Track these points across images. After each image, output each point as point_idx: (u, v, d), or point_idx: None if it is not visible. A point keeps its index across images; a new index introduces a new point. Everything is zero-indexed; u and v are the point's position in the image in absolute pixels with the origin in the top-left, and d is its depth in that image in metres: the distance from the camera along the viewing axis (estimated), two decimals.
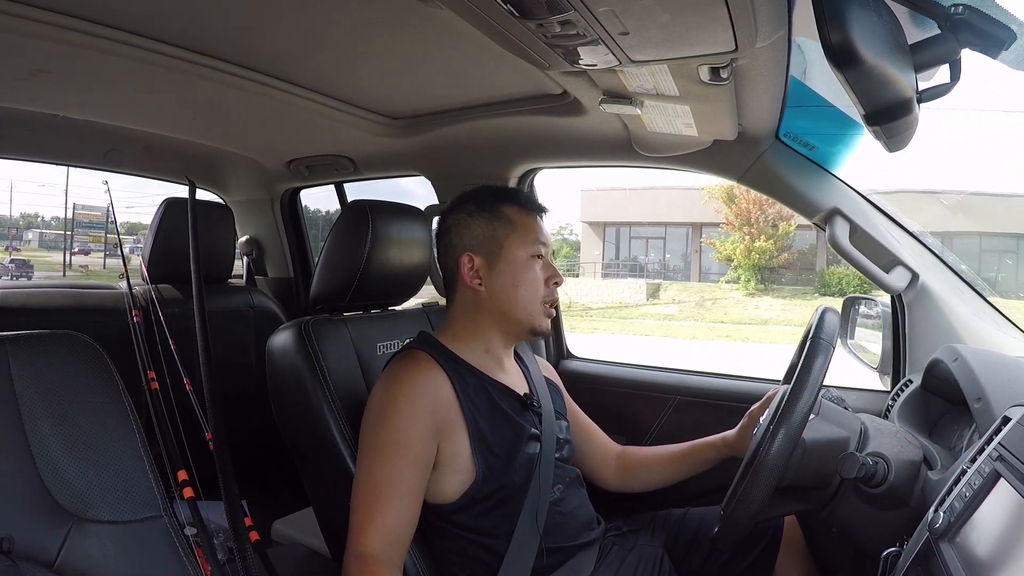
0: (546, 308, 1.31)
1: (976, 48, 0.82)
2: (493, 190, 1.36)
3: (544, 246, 1.31)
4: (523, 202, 1.33)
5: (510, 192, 1.38)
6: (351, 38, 1.26)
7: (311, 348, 1.33)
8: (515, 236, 1.29)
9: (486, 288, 1.28)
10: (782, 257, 19.24)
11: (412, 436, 1.15)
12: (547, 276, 1.31)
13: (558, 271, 1.33)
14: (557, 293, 1.34)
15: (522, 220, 1.31)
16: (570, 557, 1.27)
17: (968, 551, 0.72)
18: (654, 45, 0.98)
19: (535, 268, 1.29)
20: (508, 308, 1.28)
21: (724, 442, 1.39)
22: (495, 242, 1.29)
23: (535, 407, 1.31)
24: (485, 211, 1.31)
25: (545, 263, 1.32)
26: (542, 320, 1.30)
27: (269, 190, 2.56)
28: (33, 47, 1.23)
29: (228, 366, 2.16)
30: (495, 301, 1.28)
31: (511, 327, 1.31)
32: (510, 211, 1.31)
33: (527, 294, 1.28)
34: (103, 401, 1.04)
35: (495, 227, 1.29)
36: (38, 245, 26.08)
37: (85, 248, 24.10)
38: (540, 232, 1.32)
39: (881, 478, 0.97)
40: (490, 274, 1.28)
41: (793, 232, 18.79)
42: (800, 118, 1.39)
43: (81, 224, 24.41)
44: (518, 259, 1.28)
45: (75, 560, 0.92)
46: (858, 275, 8.50)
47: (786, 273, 19.74)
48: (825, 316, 1.03)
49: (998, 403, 0.91)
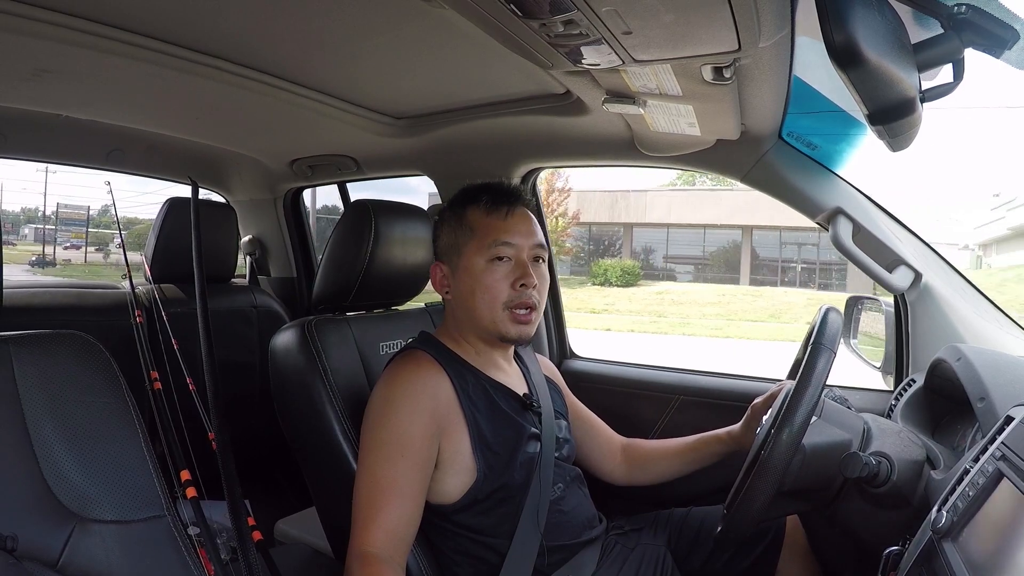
0: (513, 313, 1.23)
1: (979, 48, 0.81)
2: (465, 192, 1.32)
3: (509, 246, 1.23)
4: (486, 201, 1.27)
5: (478, 191, 1.29)
6: (354, 38, 1.26)
7: (314, 348, 1.34)
8: (473, 242, 1.25)
9: (452, 296, 1.29)
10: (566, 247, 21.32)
11: (413, 435, 1.15)
12: (515, 278, 1.23)
13: (529, 271, 1.23)
14: (528, 297, 1.23)
15: (482, 223, 1.25)
16: (572, 555, 1.27)
17: (971, 550, 0.72)
18: (657, 45, 0.97)
19: (495, 272, 1.23)
20: (470, 315, 1.26)
21: (730, 435, 1.39)
22: (456, 250, 1.27)
23: (535, 407, 1.31)
24: (453, 218, 1.29)
25: (516, 263, 1.24)
26: (507, 327, 1.24)
27: (272, 190, 2.56)
28: (37, 47, 1.23)
29: (231, 366, 2.16)
30: (459, 308, 1.28)
31: (481, 333, 1.28)
32: (473, 214, 1.27)
33: (484, 300, 1.23)
34: (106, 401, 1.04)
35: (457, 235, 1.27)
36: (33, 239, 26.48)
37: (77, 244, 24.68)
38: (502, 232, 1.24)
39: (884, 478, 0.96)
40: (453, 282, 1.28)
41: (568, 228, 20.61)
42: (803, 117, 1.39)
43: (64, 222, 24.99)
44: (474, 266, 1.24)
45: (78, 559, 0.92)
46: (621, 264, 10.82)
47: (567, 261, 22.37)
48: (828, 316, 1.03)
49: (1001, 403, 0.91)
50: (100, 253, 23.32)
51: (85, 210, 24.95)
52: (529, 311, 1.25)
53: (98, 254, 23.31)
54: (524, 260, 1.25)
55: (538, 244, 1.28)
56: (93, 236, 24.70)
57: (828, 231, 1.44)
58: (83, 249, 23.88)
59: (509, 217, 1.26)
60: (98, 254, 23.31)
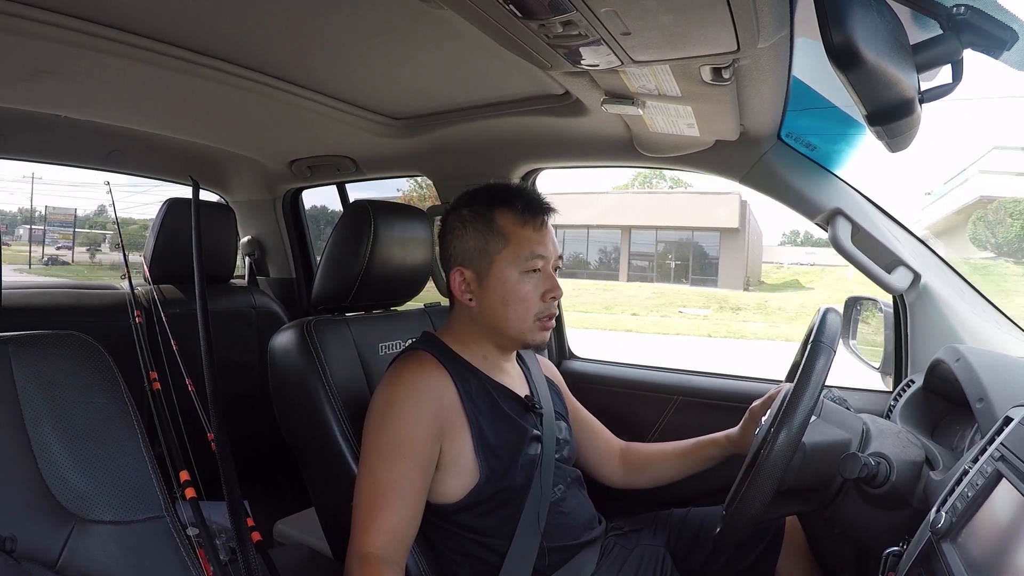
0: (541, 323, 1.25)
1: (978, 48, 0.81)
2: (491, 193, 1.28)
3: (542, 259, 1.24)
4: (520, 208, 1.25)
5: (508, 195, 1.27)
6: (353, 38, 1.26)
7: (313, 348, 1.33)
8: (507, 252, 1.23)
9: (476, 303, 1.26)
10: None
11: (415, 436, 1.14)
12: (544, 290, 1.24)
13: (558, 284, 1.26)
14: (554, 307, 1.27)
15: (517, 232, 1.23)
16: (572, 556, 1.27)
17: (970, 551, 0.72)
18: (656, 45, 0.98)
19: (527, 284, 1.23)
20: (498, 324, 1.25)
21: (728, 439, 1.39)
22: (486, 258, 1.23)
23: (536, 409, 1.31)
24: (479, 221, 1.25)
25: (544, 275, 1.25)
26: (535, 335, 1.26)
27: (271, 190, 2.56)
28: (36, 47, 1.23)
29: (230, 366, 2.16)
30: (485, 316, 1.26)
31: (503, 341, 1.28)
32: (505, 220, 1.24)
33: (517, 312, 1.23)
34: (105, 401, 1.04)
35: (487, 241, 1.23)
36: (28, 240, 27.06)
37: (67, 244, 25.34)
38: (537, 244, 1.24)
39: (883, 478, 0.97)
40: (480, 290, 1.25)
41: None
42: (802, 118, 1.39)
43: (52, 224, 25.67)
44: (508, 277, 1.22)
45: (77, 560, 0.92)
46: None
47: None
48: (827, 317, 1.03)
49: (1000, 403, 0.91)
50: (88, 253, 23.76)
51: (72, 212, 25.64)
52: (552, 319, 1.28)
53: (86, 255, 23.75)
54: (551, 272, 1.26)
55: (559, 255, 1.29)
56: (84, 237, 25.10)
57: (827, 232, 1.44)
58: (72, 250, 24.41)
59: (543, 228, 1.26)
60: (86, 255, 23.75)
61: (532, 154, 1.85)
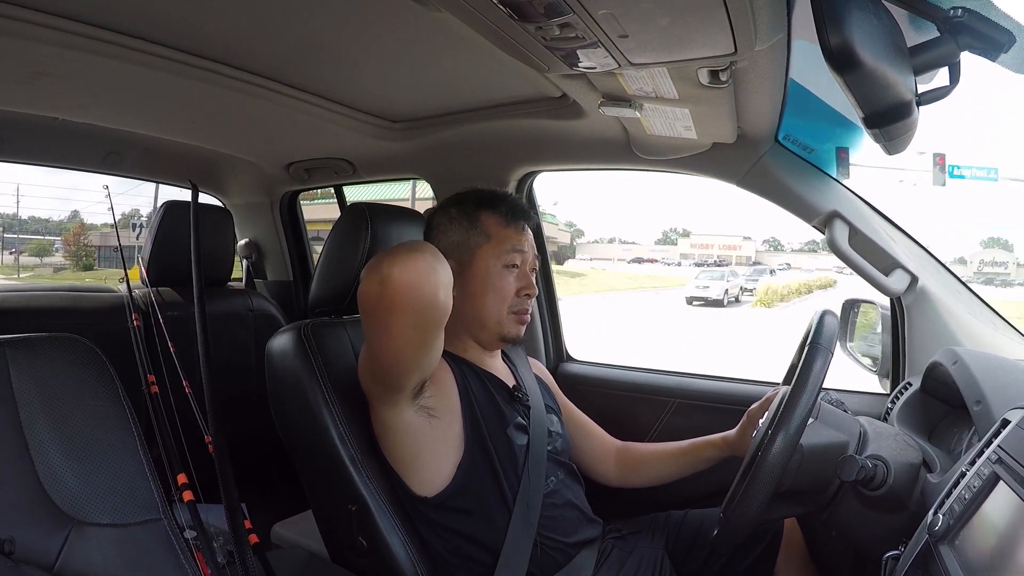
0: (517, 316, 1.33)
1: (975, 51, 0.82)
2: (479, 196, 1.37)
3: (520, 255, 1.32)
4: (505, 212, 1.34)
5: (495, 199, 1.37)
6: (350, 41, 1.26)
7: (310, 351, 1.33)
8: (488, 247, 1.31)
9: (457, 293, 1.26)
10: None
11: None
12: (520, 287, 1.33)
13: (533, 284, 1.35)
14: (528, 303, 1.35)
15: (499, 231, 1.32)
16: (568, 559, 1.27)
17: (967, 554, 0.72)
18: (653, 48, 0.98)
19: (507, 278, 1.31)
20: (477, 313, 1.32)
21: (725, 441, 1.40)
22: (468, 251, 1.32)
23: (522, 399, 1.34)
24: (465, 218, 1.34)
25: (520, 273, 1.33)
26: (511, 327, 1.33)
27: (268, 193, 2.56)
28: (33, 50, 1.23)
29: (227, 369, 2.15)
30: (465, 307, 1.30)
31: (482, 334, 1.34)
32: (489, 221, 1.33)
33: (495, 302, 1.31)
34: (102, 404, 1.04)
35: (470, 235, 1.32)
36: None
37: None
38: (518, 243, 1.33)
39: (880, 481, 0.97)
40: (461, 280, 1.29)
41: None
42: (799, 120, 1.39)
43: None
44: (489, 268, 1.31)
45: (75, 563, 0.92)
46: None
47: None
48: (824, 319, 1.03)
49: (997, 406, 0.91)
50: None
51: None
52: (527, 313, 1.36)
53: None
54: (527, 272, 1.35)
55: (536, 258, 1.39)
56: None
57: (825, 234, 1.44)
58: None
59: (524, 232, 1.36)
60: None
61: (529, 157, 1.85)
